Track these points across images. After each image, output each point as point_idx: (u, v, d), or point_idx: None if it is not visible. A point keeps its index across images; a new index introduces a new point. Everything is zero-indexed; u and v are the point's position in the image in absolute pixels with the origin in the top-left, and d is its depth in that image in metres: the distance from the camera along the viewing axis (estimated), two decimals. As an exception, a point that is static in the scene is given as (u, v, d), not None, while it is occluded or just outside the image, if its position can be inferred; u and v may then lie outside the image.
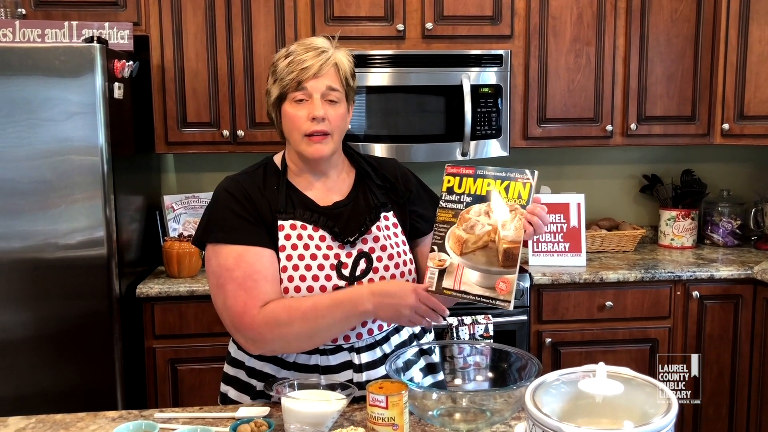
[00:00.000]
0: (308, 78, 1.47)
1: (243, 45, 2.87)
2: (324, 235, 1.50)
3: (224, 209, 1.49)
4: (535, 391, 1.08)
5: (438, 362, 1.56)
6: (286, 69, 1.48)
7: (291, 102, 1.49)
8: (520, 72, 3.01)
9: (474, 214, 1.37)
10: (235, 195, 1.50)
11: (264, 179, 1.54)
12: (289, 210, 1.50)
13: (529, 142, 3.07)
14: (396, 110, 2.90)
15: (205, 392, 2.71)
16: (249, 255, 1.45)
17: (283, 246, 1.48)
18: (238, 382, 1.57)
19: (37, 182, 2.41)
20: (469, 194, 1.39)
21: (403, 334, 1.60)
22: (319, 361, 1.50)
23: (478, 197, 1.38)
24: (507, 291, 1.32)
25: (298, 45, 1.52)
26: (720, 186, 3.44)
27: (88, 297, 2.48)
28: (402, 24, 2.91)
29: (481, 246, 1.35)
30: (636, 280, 2.81)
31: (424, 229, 1.63)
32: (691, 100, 3.08)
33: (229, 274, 1.45)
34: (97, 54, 2.41)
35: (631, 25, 3.01)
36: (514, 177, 1.36)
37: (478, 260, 1.36)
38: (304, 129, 1.48)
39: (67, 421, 1.46)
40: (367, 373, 1.51)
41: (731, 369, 2.92)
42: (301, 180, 1.56)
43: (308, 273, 1.47)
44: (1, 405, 2.43)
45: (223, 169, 3.13)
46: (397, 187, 1.62)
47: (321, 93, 1.48)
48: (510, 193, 1.36)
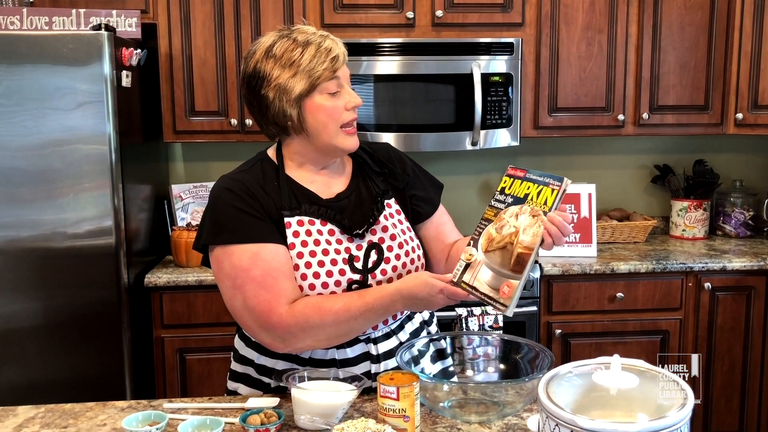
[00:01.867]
0: (339, 66, 1.44)
1: (251, 33, 2.85)
2: (332, 228, 1.48)
3: (228, 208, 1.42)
4: (549, 383, 1.07)
5: (445, 348, 1.55)
6: (314, 59, 1.40)
7: (323, 94, 1.43)
8: (531, 60, 2.98)
9: (508, 215, 1.37)
10: (237, 192, 1.43)
11: (263, 175, 1.48)
12: (294, 206, 1.45)
13: (540, 132, 3.04)
14: (405, 99, 2.87)
15: (214, 382, 2.71)
16: (264, 252, 1.40)
17: (293, 244, 1.44)
18: (249, 380, 1.54)
19: (44, 171, 2.41)
20: (513, 196, 1.39)
21: (415, 321, 1.60)
22: (336, 354, 1.48)
23: (518, 199, 1.38)
24: (508, 295, 1.30)
25: (304, 34, 1.44)
26: (732, 176, 3.40)
27: (96, 286, 2.48)
28: (412, 12, 2.88)
29: (501, 246, 1.35)
30: (647, 271, 2.79)
31: (425, 211, 1.61)
32: (704, 90, 3.04)
33: (246, 275, 1.39)
34: (105, 42, 2.39)
35: (644, 12, 2.97)
36: (548, 182, 1.35)
37: (494, 260, 1.35)
38: (343, 119, 1.45)
39: (76, 411, 1.46)
40: (384, 363, 1.50)
41: (743, 361, 2.90)
42: (300, 173, 1.51)
43: (322, 269, 1.44)
44: (11, 394, 2.43)
45: (230, 158, 3.13)
46: (396, 172, 1.59)
47: (347, 81, 1.47)
48: (539, 198, 1.35)
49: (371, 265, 1.49)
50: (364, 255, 1.49)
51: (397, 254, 1.51)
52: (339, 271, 1.45)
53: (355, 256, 1.47)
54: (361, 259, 1.48)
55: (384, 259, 1.50)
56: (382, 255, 1.50)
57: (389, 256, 1.50)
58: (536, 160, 3.35)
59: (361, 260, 1.48)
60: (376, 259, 1.49)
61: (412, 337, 1.55)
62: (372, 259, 1.49)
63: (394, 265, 1.50)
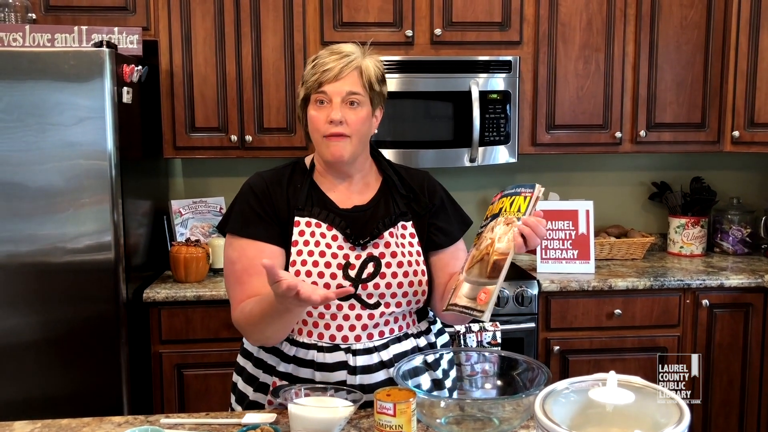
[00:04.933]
0: (328, 80, 1.49)
1: (252, 50, 2.87)
2: (336, 234, 1.52)
3: (242, 202, 1.56)
4: (545, 399, 1.07)
5: (441, 378, 1.55)
6: (310, 72, 1.53)
7: (313, 104, 1.53)
8: (528, 78, 3.01)
9: (485, 231, 1.41)
10: (255, 190, 1.56)
11: (290, 177, 1.60)
12: (307, 207, 1.54)
13: (538, 149, 3.05)
14: (404, 116, 2.89)
15: (212, 398, 2.70)
16: (251, 249, 1.51)
17: (296, 241, 1.52)
18: (245, 373, 1.60)
19: (45, 186, 2.42)
20: (490, 216, 1.43)
21: (405, 344, 1.58)
22: (315, 357, 1.51)
23: (494, 216, 1.42)
24: (485, 301, 1.30)
25: (326, 50, 1.55)
26: (730, 194, 3.42)
27: (94, 301, 2.48)
28: (411, 30, 2.91)
29: (479, 259, 1.37)
30: (645, 288, 2.79)
31: (440, 242, 1.63)
32: (701, 107, 3.06)
33: (231, 266, 1.53)
34: (107, 59, 2.41)
35: (640, 31, 3.00)
36: (519, 192, 1.38)
37: (474, 273, 1.37)
38: (323, 131, 1.51)
39: (72, 426, 1.46)
40: (361, 377, 1.50)
41: (741, 378, 2.90)
42: (325, 181, 1.60)
43: (314, 269, 1.49)
44: (7, 409, 2.42)
45: (231, 174, 3.14)
46: (420, 199, 1.63)
47: (341, 96, 1.50)
48: (513, 207, 1.38)
49: (365, 276, 1.51)
50: (360, 265, 1.51)
51: (395, 272, 1.52)
52: (330, 274, 1.49)
53: (351, 264, 1.50)
54: (356, 268, 1.50)
55: (380, 274, 1.51)
56: (378, 269, 1.51)
57: (386, 272, 1.51)
58: (534, 176, 3.37)
59: (356, 269, 1.50)
60: (372, 272, 1.51)
61: (396, 359, 1.52)
62: (368, 270, 1.51)
63: (388, 282, 1.52)
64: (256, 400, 1.57)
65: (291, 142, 2.92)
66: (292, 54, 2.89)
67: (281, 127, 2.92)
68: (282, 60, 2.89)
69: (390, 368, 1.50)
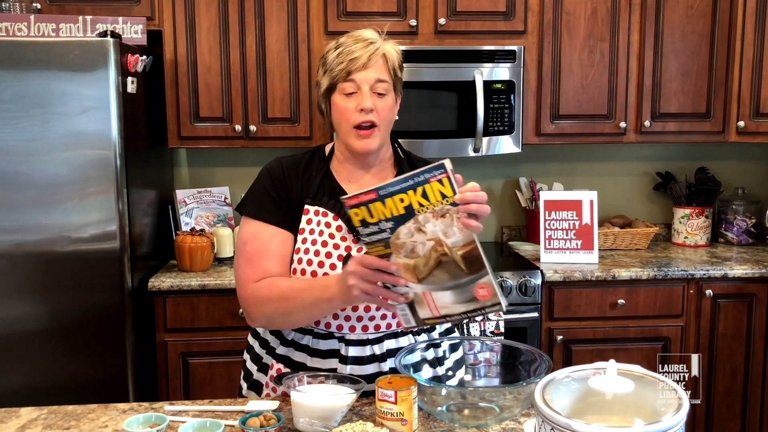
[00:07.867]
0: (357, 69, 1.47)
1: (256, 40, 2.87)
2: (341, 225, 1.53)
3: (259, 186, 1.58)
4: (545, 387, 1.08)
5: (442, 356, 1.55)
6: (336, 60, 1.49)
7: (340, 94, 1.49)
8: (533, 68, 3.00)
9: (405, 236, 1.23)
10: (272, 174, 1.57)
11: (308, 163, 1.60)
12: (318, 196, 1.55)
13: (542, 139, 3.05)
14: (408, 106, 2.89)
15: (217, 385, 2.72)
16: (263, 232, 1.53)
17: (303, 229, 1.53)
18: (253, 352, 1.64)
19: (50, 176, 2.43)
20: (387, 219, 1.22)
21: (401, 341, 1.56)
22: (310, 342, 1.54)
23: (398, 218, 1.22)
24: (490, 295, 1.24)
25: (347, 37, 1.52)
26: (735, 184, 3.41)
27: (100, 290, 2.50)
28: (415, 19, 2.90)
29: (434, 265, 1.23)
30: (649, 278, 2.79)
31: None
32: (706, 97, 3.05)
33: (243, 247, 1.55)
34: (111, 48, 2.42)
35: (645, 20, 2.99)
36: (425, 179, 1.19)
37: (440, 279, 1.24)
38: (353, 120, 1.49)
39: (78, 413, 1.47)
40: (351, 367, 1.51)
41: (744, 368, 2.90)
42: (342, 170, 1.59)
43: (316, 258, 1.50)
44: (14, 396, 2.45)
45: (235, 163, 3.14)
46: None
47: (370, 84, 1.48)
48: (432, 198, 1.20)
49: None
50: None
51: None
52: (330, 265, 1.49)
53: (352, 256, 1.49)
54: None
55: None
56: None
57: None
58: (538, 166, 3.36)
59: None
60: None
61: (390, 355, 1.52)
62: None
63: None
64: (258, 380, 1.60)
65: (295, 132, 2.92)
66: (295, 44, 2.89)
67: (285, 117, 2.92)
68: (286, 50, 2.89)
69: (382, 362, 1.51)
